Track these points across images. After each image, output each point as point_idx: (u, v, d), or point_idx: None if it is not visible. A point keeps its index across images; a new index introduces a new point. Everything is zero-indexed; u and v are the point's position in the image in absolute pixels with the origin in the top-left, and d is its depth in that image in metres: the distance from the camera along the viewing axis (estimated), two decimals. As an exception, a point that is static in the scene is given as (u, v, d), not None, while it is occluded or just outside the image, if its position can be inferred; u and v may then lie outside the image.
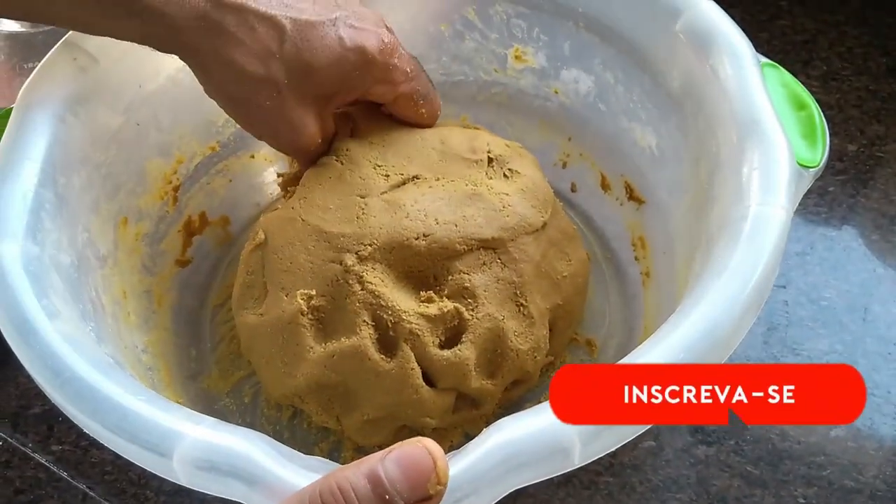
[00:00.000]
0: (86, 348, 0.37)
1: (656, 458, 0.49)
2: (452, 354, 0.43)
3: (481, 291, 0.44)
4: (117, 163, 0.49)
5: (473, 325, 0.44)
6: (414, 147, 0.49)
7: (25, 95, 0.45)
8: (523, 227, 0.46)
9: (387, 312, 0.43)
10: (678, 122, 0.48)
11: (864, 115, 0.66)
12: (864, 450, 0.49)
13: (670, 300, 0.46)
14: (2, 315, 0.37)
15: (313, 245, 0.45)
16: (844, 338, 0.54)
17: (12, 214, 0.40)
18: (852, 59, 0.70)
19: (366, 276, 0.44)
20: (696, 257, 0.42)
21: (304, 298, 0.44)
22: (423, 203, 0.46)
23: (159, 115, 0.52)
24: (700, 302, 0.36)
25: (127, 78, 0.49)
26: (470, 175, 0.48)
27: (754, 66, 0.44)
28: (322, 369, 0.43)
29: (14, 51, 0.67)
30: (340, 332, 0.44)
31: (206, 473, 0.32)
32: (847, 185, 0.62)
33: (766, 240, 0.37)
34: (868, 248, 0.58)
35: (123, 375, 0.37)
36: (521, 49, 0.56)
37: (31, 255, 0.40)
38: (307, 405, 0.46)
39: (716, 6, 0.47)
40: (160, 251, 0.53)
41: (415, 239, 0.45)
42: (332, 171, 0.48)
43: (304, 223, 0.46)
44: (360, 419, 0.45)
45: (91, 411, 0.34)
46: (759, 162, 0.40)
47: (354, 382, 0.44)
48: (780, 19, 0.73)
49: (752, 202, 0.39)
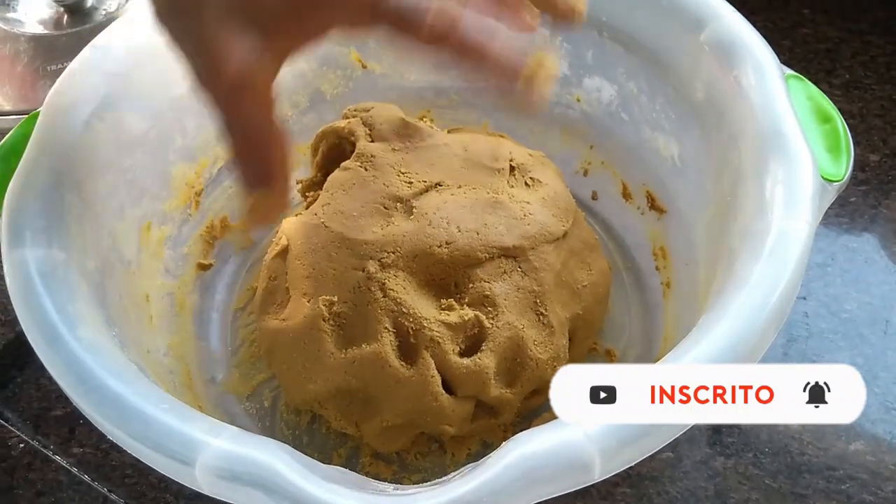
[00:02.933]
0: (110, 355, 0.37)
1: (674, 469, 0.49)
2: (472, 363, 0.44)
3: (501, 300, 0.45)
4: (142, 168, 0.49)
5: (493, 334, 0.44)
6: (437, 153, 0.49)
7: (52, 100, 0.45)
8: (544, 235, 0.47)
9: (408, 319, 0.43)
10: (701, 133, 0.48)
11: (886, 125, 0.65)
12: (884, 464, 0.49)
13: (692, 311, 0.46)
14: (28, 322, 0.37)
15: (336, 252, 0.45)
16: (865, 350, 0.53)
17: (38, 220, 0.41)
18: (875, 68, 0.69)
19: (388, 283, 0.44)
20: (719, 269, 0.42)
21: (325, 304, 0.44)
22: (446, 211, 0.46)
23: (184, 120, 0.52)
24: (722, 317, 0.36)
25: (152, 84, 0.49)
26: (492, 183, 0.48)
27: (779, 78, 0.44)
28: (343, 375, 0.44)
29: (38, 53, 0.67)
30: (361, 338, 0.44)
31: (228, 483, 0.32)
32: (869, 196, 0.61)
33: (788, 254, 0.37)
34: (889, 260, 0.58)
35: (147, 383, 0.37)
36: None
37: (57, 260, 0.40)
38: (327, 410, 0.46)
39: (741, 17, 0.47)
40: (182, 255, 0.54)
41: (437, 247, 0.45)
42: (355, 176, 0.48)
43: (327, 229, 0.46)
44: (379, 425, 0.45)
45: (116, 419, 0.34)
46: (782, 175, 0.40)
47: (374, 388, 0.44)
48: (803, 27, 0.72)
49: (775, 216, 0.39)
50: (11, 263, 0.39)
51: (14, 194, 0.41)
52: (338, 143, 0.52)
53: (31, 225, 0.40)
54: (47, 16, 0.70)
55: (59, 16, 0.70)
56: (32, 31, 0.69)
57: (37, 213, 0.41)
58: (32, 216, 0.41)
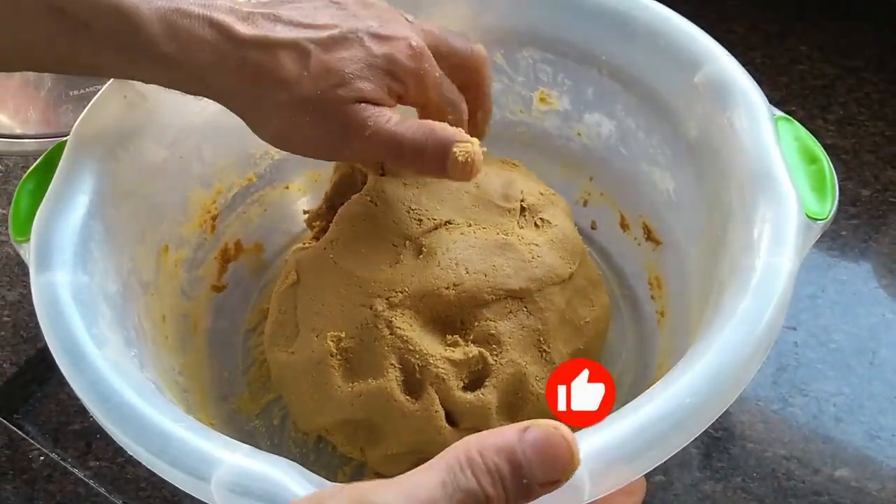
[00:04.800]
0: (131, 375, 0.40)
1: (665, 492, 0.51)
2: (475, 398, 0.45)
3: (506, 338, 0.46)
4: (162, 194, 0.52)
5: (497, 371, 0.45)
6: (447, 189, 0.50)
7: (78, 131, 0.48)
8: (551, 278, 0.48)
9: (414, 356, 0.45)
10: (695, 171, 0.50)
11: (878, 161, 0.67)
12: (867, 490, 0.51)
13: (684, 340, 0.47)
14: (55, 343, 0.40)
15: (345, 289, 0.47)
16: (852, 380, 0.55)
17: (65, 245, 0.43)
18: (869, 105, 0.71)
19: (395, 321, 0.45)
20: (709, 301, 0.44)
21: (333, 340, 0.45)
22: (455, 252, 0.47)
23: (202, 147, 0.54)
24: (709, 348, 0.38)
25: (173, 113, 0.52)
26: (502, 223, 0.49)
27: (768, 120, 0.46)
28: (349, 407, 0.45)
29: (60, 79, 0.69)
30: (368, 373, 0.45)
31: (241, 498, 0.34)
32: (859, 230, 0.63)
33: (772, 290, 0.39)
34: (878, 293, 0.60)
35: (165, 402, 0.39)
36: (546, 92, 0.59)
37: (82, 284, 0.42)
38: (333, 437, 0.48)
39: (734, 61, 0.49)
40: (197, 277, 0.56)
41: (445, 288, 0.46)
42: (365, 211, 0.49)
43: (336, 266, 0.47)
44: (383, 453, 0.46)
45: (135, 436, 0.37)
46: (769, 214, 0.42)
47: (380, 420, 0.45)
48: (800, 64, 0.75)
49: (761, 253, 0.41)
50: (40, 287, 0.42)
51: (42, 220, 0.44)
52: (350, 173, 0.53)
53: (59, 250, 0.43)
54: (70, 42, 0.72)
55: (82, 42, 0.72)
56: (56, 57, 0.71)
57: (64, 238, 0.43)
58: (60, 242, 0.43)
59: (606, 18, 0.54)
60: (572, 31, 0.55)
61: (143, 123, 0.50)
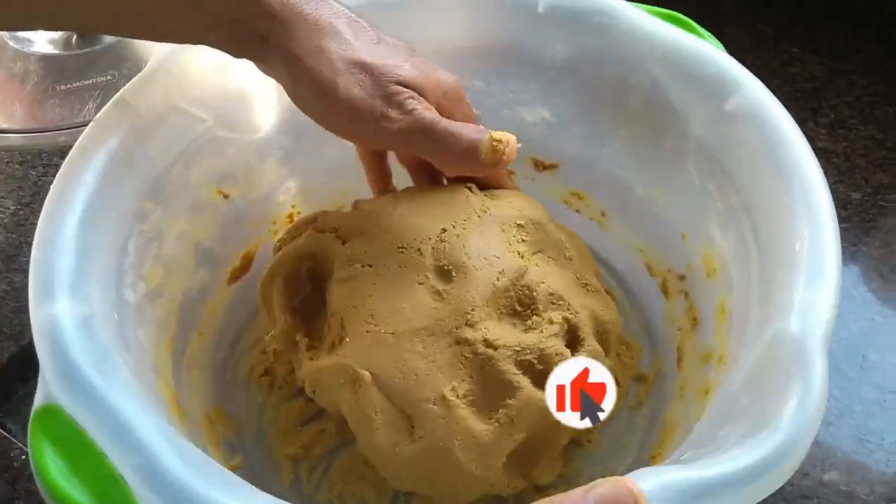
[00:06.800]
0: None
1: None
2: (585, 353, 0.45)
3: (563, 290, 0.46)
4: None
5: (578, 319, 0.45)
6: (415, 220, 0.48)
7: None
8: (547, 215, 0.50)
9: (527, 353, 0.43)
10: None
11: (869, 164, 0.67)
12: (856, 494, 0.51)
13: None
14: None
15: (422, 346, 0.43)
16: (841, 384, 0.55)
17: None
18: (860, 108, 0.72)
19: (488, 335, 0.43)
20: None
21: (453, 395, 0.42)
22: (469, 249, 0.45)
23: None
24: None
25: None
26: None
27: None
28: (510, 440, 0.42)
29: (47, 73, 0.69)
30: (498, 396, 0.42)
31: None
32: (850, 233, 0.63)
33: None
34: (867, 297, 0.60)
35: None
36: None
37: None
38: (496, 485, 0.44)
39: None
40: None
41: (496, 281, 0.45)
42: (366, 279, 0.46)
43: (395, 336, 0.43)
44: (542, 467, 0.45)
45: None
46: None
47: (535, 431, 0.43)
48: (792, 66, 0.75)
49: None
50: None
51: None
52: (294, 268, 0.50)
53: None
54: (57, 36, 0.71)
55: (69, 36, 0.71)
56: (42, 50, 0.70)
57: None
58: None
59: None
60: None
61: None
